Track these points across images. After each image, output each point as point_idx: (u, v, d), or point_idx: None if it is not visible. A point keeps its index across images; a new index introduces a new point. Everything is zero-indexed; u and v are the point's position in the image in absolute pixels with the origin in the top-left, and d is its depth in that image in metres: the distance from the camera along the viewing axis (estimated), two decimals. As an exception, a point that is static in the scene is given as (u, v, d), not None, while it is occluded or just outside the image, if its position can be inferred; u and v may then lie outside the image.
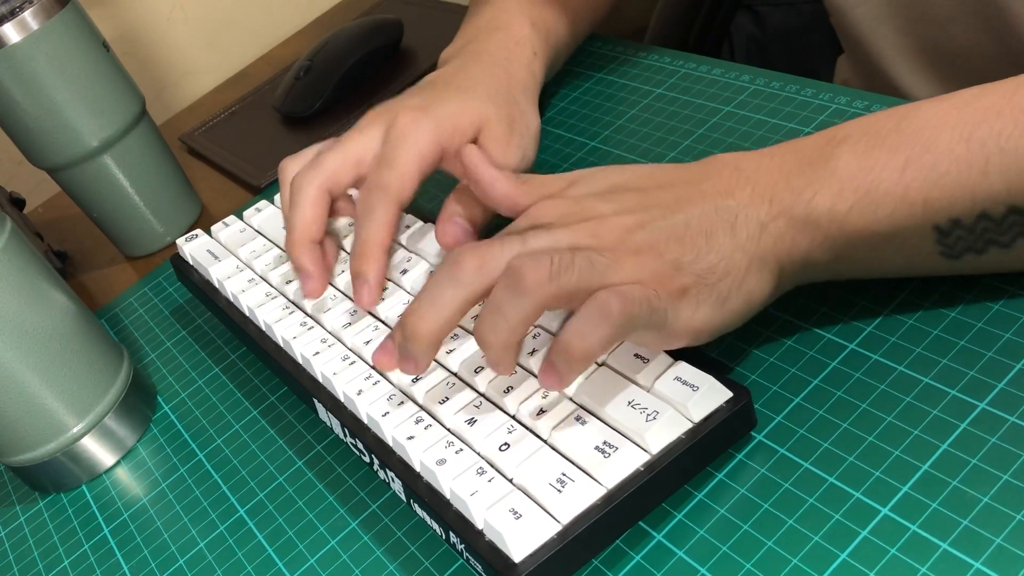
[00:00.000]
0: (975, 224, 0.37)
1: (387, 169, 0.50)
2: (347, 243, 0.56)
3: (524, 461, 0.39)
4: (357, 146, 0.52)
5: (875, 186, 0.38)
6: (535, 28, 0.62)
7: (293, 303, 0.54)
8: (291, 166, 0.54)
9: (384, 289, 0.51)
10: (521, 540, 0.36)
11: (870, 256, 0.40)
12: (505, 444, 0.40)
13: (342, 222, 0.57)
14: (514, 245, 0.39)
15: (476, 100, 0.54)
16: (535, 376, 0.42)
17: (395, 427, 0.43)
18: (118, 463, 0.55)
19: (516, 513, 0.37)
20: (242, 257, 0.59)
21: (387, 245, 0.50)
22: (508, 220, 0.44)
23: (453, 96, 0.54)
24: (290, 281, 0.55)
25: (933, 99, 0.39)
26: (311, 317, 0.52)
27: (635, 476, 0.38)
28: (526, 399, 0.41)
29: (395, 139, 0.51)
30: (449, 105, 0.53)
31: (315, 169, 0.51)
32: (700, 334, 0.39)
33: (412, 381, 0.45)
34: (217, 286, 0.58)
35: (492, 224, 0.48)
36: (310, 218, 0.51)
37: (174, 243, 0.72)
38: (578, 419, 0.40)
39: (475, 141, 0.53)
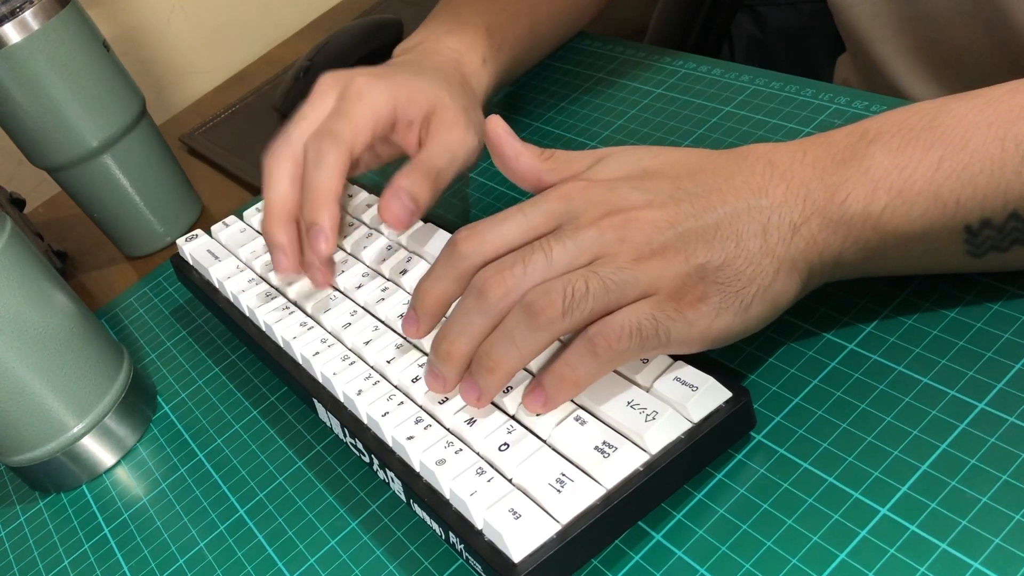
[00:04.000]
0: (1005, 224, 0.37)
1: (340, 118, 0.50)
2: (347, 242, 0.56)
3: (523, 461, 0.39)
4: (317, 113, 0.52)
5: (908, 185, 0.37)
6: (490, 35, 0.61)
7: (293, 303, 0.54)
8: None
9: (341, 235, 0.51)
10: (520, 540, 0.36)
11: (899, 255, 0.39)
12: (504, 444, 0.40)
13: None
14: (539, 266, 0.38)
15: (432, 83, 0.54)
16: (534, 376, 0.42)
17: (395, 427, 0.43)
18: (118, 463, 0.55)
19: (515, 513, 0.37)
20: (242, 257, 0.59)
21: (339, 193, 0.49)
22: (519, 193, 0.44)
23: (409, 73, 0.55)
24: (291, 282, 0.55)
25: (964, 95, 0.38)
26: (311, 317, 0.52)
27: (634, 476, 0.38)
28: (526, 399, 0.41)
29: (352, 96, 0.51)
30: (406, 78, 0.54)
31: (284, 145, 0.51)
32: (718, 341, 0.39)
33: (412, 380, 0.45)
34: (217, 286, 0.58)
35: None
36: (286, 193, 0.51)
37: (174, 243, 0.72)
38: (577, 419, 0.40)
39: (428, 122, 0.53)
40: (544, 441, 0.40)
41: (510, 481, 0.39)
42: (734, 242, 0.38)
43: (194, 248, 0.61)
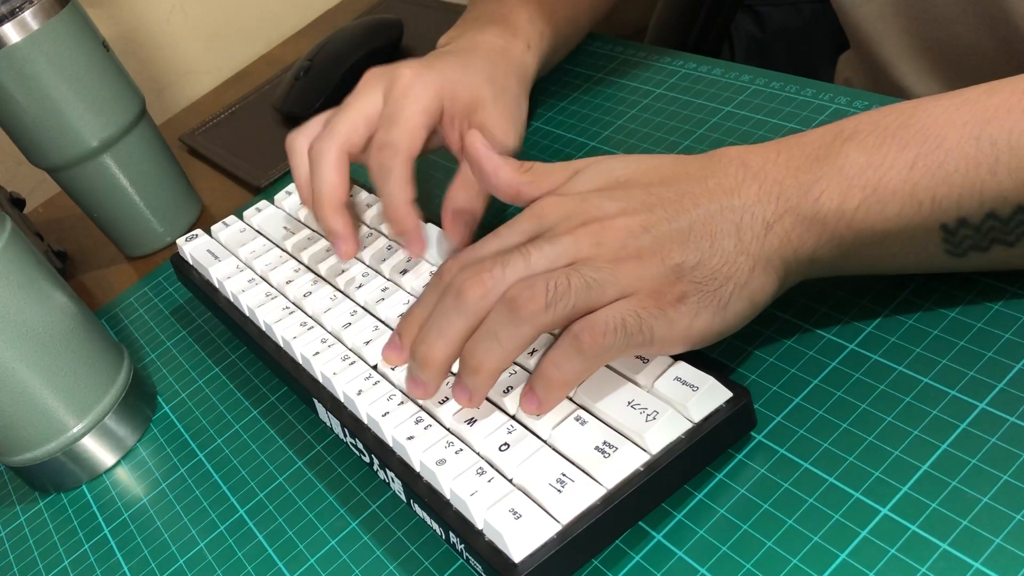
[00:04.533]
0: (982, 223, 0.37)
1: (394, 126, 0.51)
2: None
3: (524, 461, 0.39)
4: (363, 106, 0.53)
5: (883, 184, 0.37)
6: (532, 21, 0.62)
7: (293, 303, 0.54)
8: (299, 138, 0.54)
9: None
10: (521, 540, 0.36)
11: (876, 253, 0.39)
12: (505, 444, 0.40)
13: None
14: (517, 267, 0.39)
15: (476, 77, 0.55)
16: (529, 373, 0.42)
17: (395, 427, 0.43)
18: (118, 463, 0.55)
19: (516, 513, 0.37)
20: (242, 257, 0.59)
21: (413, 198, 0.50)
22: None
23: (456, 65, 0.55)
24: (290, 281, 0.55)
25: (941, 95, 0.38)
26: (311, 317, 0.52)
27: (635, 476, 0.38)
28: (526, 399, 0.41)
29: (398, 95, 0.52)
30: (452, 70, 0.54)
31: (330, 135, 0.52)
32: (700, 340, 0.39)
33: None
34: (217, 286, 0.58)
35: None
36: (335, 182, 0.52)
37: (174, 243, 0.72)
38: (578, 419, 0.40)
39: (470, 121, 0.54)
40: (544, 441, 0.40)
41: (510, 481, 0.39)
42: (708, 242, 0.38)
43: (194, 248, 0.61)
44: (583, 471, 0.38)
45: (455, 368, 0.41)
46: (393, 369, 0.46)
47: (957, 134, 0.36)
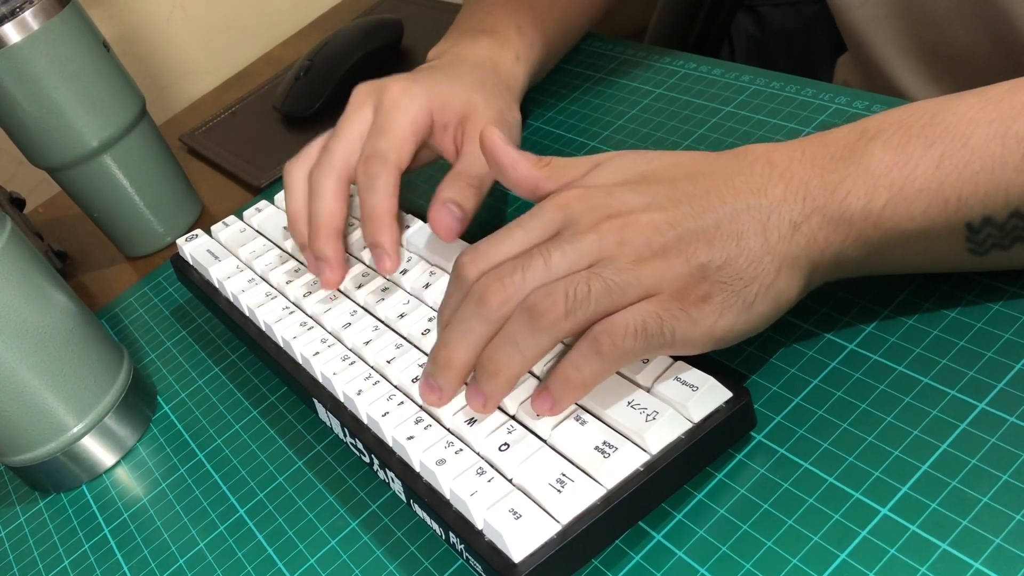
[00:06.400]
0: (1006, 222, 0.37)
1: (381, 137, 0.51)
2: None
3: (524, 461, 0.39)
4: (355, 127, 0.53)
5: (909, 183, 0.37)
6: (521, 33, 0.62)
7: (293, 303, 0.54)
8: (297, 169, 0.54)
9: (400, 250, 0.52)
10: (521, 540, 0.36)
11: (900, 253, 0.39)
12: (505, 444, 0.40)
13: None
14: (537, 272, 0.39)
15: (465, 86, 0.55)
16: (535, 376, 0.42)
17: (395, 427, 0.43)
18: (118, 463, 0.55)
19: (516, 513, 0.37)
20: (242, 257, 0.59)
21: (395, 211, 0.50)
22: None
23: (443, 77, 0.55)
24: (290, 281, 0.55)
25: (963, 93, 0.38)
26: (311, 317, 0.52)
27: (635, 476, 0.38)
28: (526, 399, 0.41)
29: (387, 107, 0.52)
30: (440, 82, 0.54)
31: (328, 162, 0.52)
32: (722, 341, 0.39)
33: (412, 380, 0.45)
34: (217, 286, 0.58)
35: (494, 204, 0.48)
36: (334, 209, 0.52)
37: (174, 243, 0.72)
38: (578, 419, 0.40)
39: (464, 127, 0.54)
40: (544, 441, 0.40)
41: (510, 481, 0.39)
42: (735, 241, 0.38)
43: (194, 248, 0.61)
44: (583, 471, 0.38)
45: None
46: (390, 363, 0.46)
47: (983, 132, 0.36)
